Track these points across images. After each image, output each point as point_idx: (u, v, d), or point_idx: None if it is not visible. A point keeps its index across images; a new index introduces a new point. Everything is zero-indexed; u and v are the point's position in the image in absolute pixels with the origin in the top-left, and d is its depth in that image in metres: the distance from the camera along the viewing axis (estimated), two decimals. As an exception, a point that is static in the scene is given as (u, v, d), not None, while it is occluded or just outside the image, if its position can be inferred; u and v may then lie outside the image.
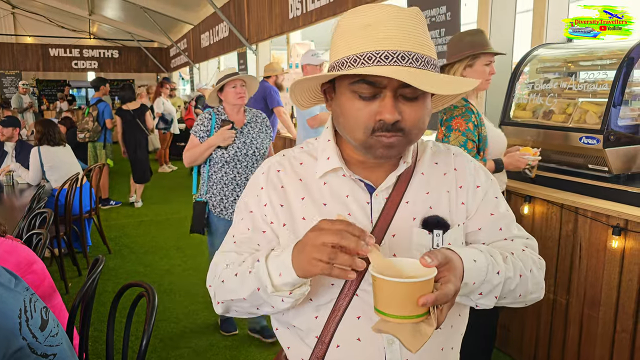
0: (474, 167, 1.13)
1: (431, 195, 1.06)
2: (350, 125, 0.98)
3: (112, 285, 4.17)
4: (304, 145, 1.16)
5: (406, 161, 1.05)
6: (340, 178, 1.06)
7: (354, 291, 1.01)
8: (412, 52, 0.92)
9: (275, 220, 1.07)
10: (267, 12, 7.38)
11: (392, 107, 0.93)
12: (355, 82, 0.94)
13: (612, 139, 2.51)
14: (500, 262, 0.99)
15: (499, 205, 1.12)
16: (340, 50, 0.96)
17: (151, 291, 1.67)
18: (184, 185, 8.57)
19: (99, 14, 14.57)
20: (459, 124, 2.29)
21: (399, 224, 1.03)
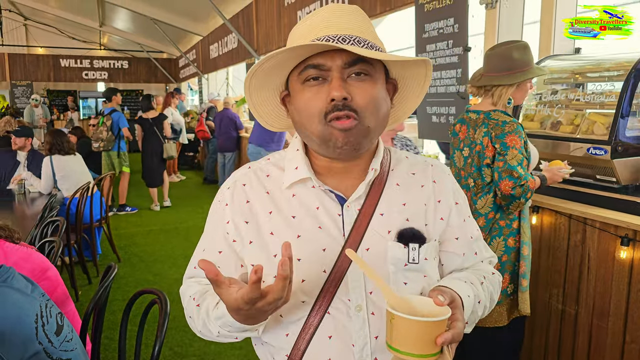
0: (452, 182, 1.12)
1: (408, 206, 1.03)
2: (306, 118, 0.96)
3: (122, 293, 4.20)
4: (270, 156, 1.13)
5: (374, 168, 1.02)
6: (309, 189, 1.02)
7: (325, 309, 0.97)
8: (353, 36, 0.94)
9: (238, 238, 1.03)
10: (276, 23, 7.46)
11: (339, 86, 0.92)
12: (302, 70, 0.95)
13: (619, 150, 2.52)
14: (480, 291, 1.03)
15: (473, 226, 1.13)
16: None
17: (163, 298, 1.70)
18: (192, 194, 8.63)
19: (109, 25, 14.75)
20: (515, 141, 2.26)
21: (372, 237, 0.99)
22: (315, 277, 0.97)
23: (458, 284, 0.99)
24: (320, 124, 0.94)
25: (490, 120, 2.32)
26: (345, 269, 0.97)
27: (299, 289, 0.97)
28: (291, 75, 1.00)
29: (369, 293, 0.98)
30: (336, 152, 0.96)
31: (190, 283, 1.11)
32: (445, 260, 1.09)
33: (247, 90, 1.03)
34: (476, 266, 1.12)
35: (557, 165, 2.50)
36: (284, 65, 0.98)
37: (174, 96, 9.49)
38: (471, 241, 1.10)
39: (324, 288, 0.97)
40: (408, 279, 0.99)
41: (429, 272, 1.02)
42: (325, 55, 0.93)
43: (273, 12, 7.55)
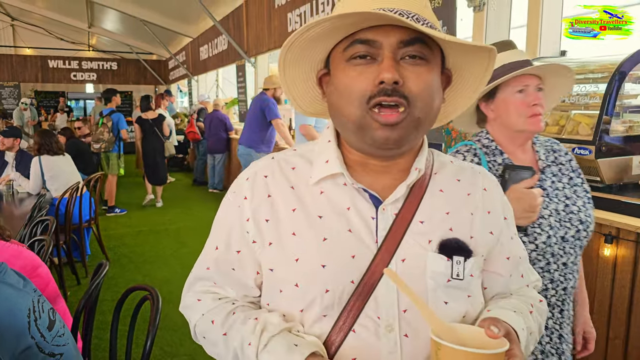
0: (501, 193, 0.99)
1: (452, 215, 0.90)
2: (344, 100, 0.82)
3: (111, 294, 4.19)
4: (297, 147, 0.99)
5: (419, 168, 0.89)
6: (340, 187, 0.89)
7: (350, 325, 0.84)
8: (412, 12, 0.80)
9: (259, 239, 0.90)
10: (266, 25, 7.49)
11: (391, 66, 0.78)
12: (348, 46, 0.82)
13: (604, 150, 2.58)
14: (530, 322, 0.91)
15: (520, 244, 1.01)
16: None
17: (155, 294, 1.72)
18: (181, 196, 8.62)
19: (98, 26, 14.69)
20: None
21: (410, 246, 0.86)
22: (341, 287, 0.84)
23: (508, 314, 0.86)
24: (359, 108, 0.81)
25: None
26: (376, 280, 0.84)
27: (321, 300, 0.84)
28: (334, 50, 0.86)
29: (402, 311, 0.84)
30: (372, 148, 0.85)
31: (199, 295, 0.97)
32: (488, 282, 0.95)
33: (280, 65, 0.89)
34: (521, 291, 0.99)
35: None
36: (327, 38, 0.84)
37: (164, 98, 9.48)
38: (519, 262, 0.98)
39: (350, 301, 0.84)
40: (450, 297, 0.86)
41: (474, 292, 0.90)
42: (377, 30, 0.80)
43: (263, 14, 7.57)
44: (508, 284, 0.97)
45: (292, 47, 0.85)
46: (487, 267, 0.94)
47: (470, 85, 0.94)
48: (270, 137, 5.86)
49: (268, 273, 0.90)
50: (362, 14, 0.76)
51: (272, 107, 5.68)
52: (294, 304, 0.87)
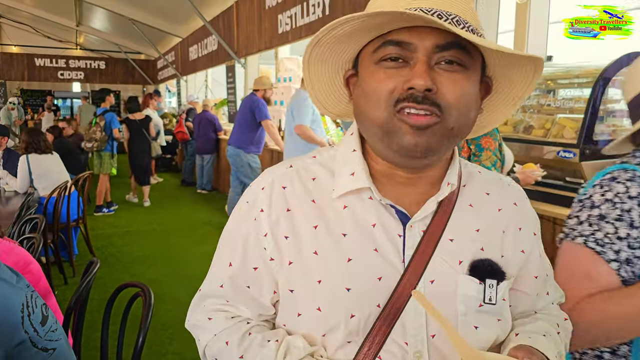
0: (531, 207, 0.93)
1: (482, 233, 0.84)
2: (371, 103, 0.76)
3: (99, 293, 4.17)
4: (316, 154, 0.90)
5: (451, 183, 0.83)
6: (365, 201, 0.82)
7: (376, 352, 0.78)
8: (452, 14, 0.73)
9: (278, 256, 0.83)
10: (257, 26, 7.51)
11: (423, 72, 0.72)
12: (378, 47, 0.76)
13: (587, 153, 2.64)
14: (559, 345, 0.86)
15: (547, 262, 0.95)
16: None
17: (147, 291, 1.73)
18: (170, 196, 8.60)
19: (86, 25, 14.59)
20: (489, 143, 2.30)
21: (439, 267, 0.80)
22: (366, 311, 0.79)
23: (540, 340, 0.82)
24: (386, 110, 0.74)
25: None
26: (403, 303, 0.79)
27: (345, 326, 0.79)
28: (363, 50, 0.80)
29: (431, 336, 0.79)
30: (398, 156, 0.77)
31: (209, 313, 0.90)
32: (514, 301, 0.89)
33: (305, 62, 0.83)
34: (547, 309, 0.94)
35: (530, 168, 2.60)
36: (357, 37, 0.78)
37: (153, 97, 9.46)
38: (546, 279, 0.93)
39: (376, 326, 0.78)
40: (480, 322, 0.81)
41: (505, 316, 0.85)
42: (412, 31, 0.73)
43: (254, 15, 7.59)
44: (534, 303, 0.93)
45: (319, 44, 0.79)
46: (514, 286, 0.88)
47: (512, 96, 0.86)
48: (259, 138, 5.88)
49: (287, 294, 0.83)
50: (396, 13, 0.70)
51: (262, 108, 5.70)
52: (315, 328, 0.81)
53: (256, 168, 5.80)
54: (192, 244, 5.70)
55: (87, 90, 18.25)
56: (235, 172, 5.92)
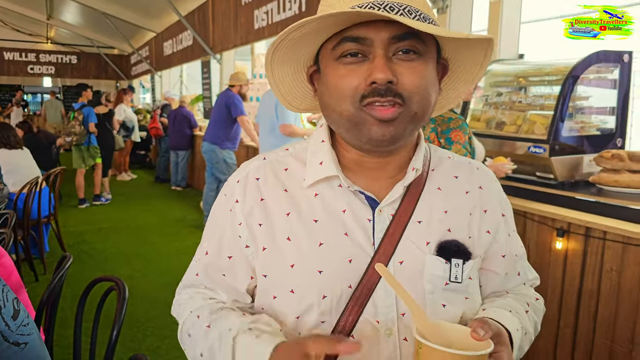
0: (499, 189, 0.97)
1: (450, 215, 0.87)
2: (335, 98, 0.79)
3: (71, 290, 4.11)
4: (289, 146, 0.95)
5: (416, 168, 0.86)
6: (335, 189, 0.86)
7: (349, 331, 0.83)
8: (403, 4, 0.75)
9: (253, 243, 0.87)
10: (232, 21, 7.46)
11: (383, 65, 0.75)
12: (337, 44, 0.78)
13: (557, 149, 2.71)
14: (525, 321, 0.90)
15: (518, 241, 0.99)
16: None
17: (121, 284, 1.72)
18: (143, 193, 8.49)
19: (57, 18, 14.28)
20: (459, 136, 2.35)
21: (407, 248, 0.84)
22: (338, 292, 0.83)
23: (504, 314, 0.86)
24: (352, 105, 0.78)
25: (437, 117, 2.45)
26: (373, 284, 0.82)
27: (318, 306, 0.83)
28: (323, 48, 0.83)
29: (401, 315, 0.83)
30: (369, 143, 0.80)
31: (191, 294, 0.95)
32: (484, 280, 0.94)
33: (268, 65, 0.86)
34: (518, 289, 0.98)
35: (500, 161, 2.66)
36: (315, 36, 0.80)
37: (127, 93, 9.33)
38: (515, 259, 0.96)
39: (348, 306, 0.82)
40: (447, 300, 0.85)
41: (472, 294, 0.88)
42: (367, 26, 0.76)
43: (230, 11, 7.54)
44: (504, 282, 0.96)
45: (279, 47, 0.82)
46: (483, 265, 0.92)
47: (468, 73, 0.91)
48: (235, 134, 5.84)
49: (262, 279, 0.88)
50: (349, 14, 0.72)
51: (238, 103, 5.67)
52: (290, 310, 0.84)
53: (232, 164, 5.76)
54: (166, 240, 5.65)
55: (58, 85, 17.87)
56: (211, 168, 5.88)
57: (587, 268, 2.38)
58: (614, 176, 2.54)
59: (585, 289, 2.39)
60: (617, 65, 2.87)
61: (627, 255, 2.22)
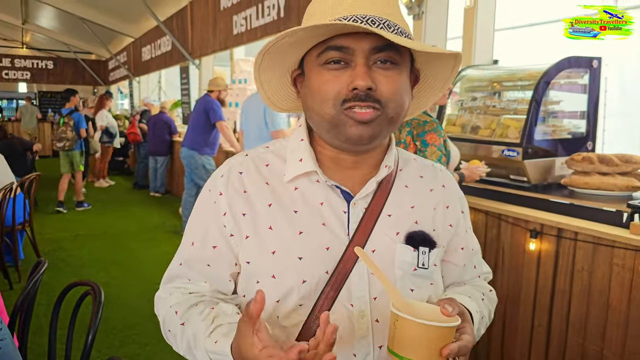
0: (458, 189, 1.07)
1: (416, 209, 0.97)
2: (318, 101, 0.87)
3: (46, 298, 4.05)
4: (269, 144, 1.02)
5: (388, 165, 0.95)
6: (314, 183, 0.94)
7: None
8: (383, 18, 0.84)
9: (237, 232, 0.93)
10: (211, 27, 7.45)
11: (364, 73, 0.83)
12: (322, 52, 0.86)
13: (530, 152, 2.77)
14: (482, 307, 0.99)
15: (474, 237, 1.10)
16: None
17: (97, 288, 1.71)
18: (121, 199, 8.40)
19: (32, 23, 14.06)
20: (434, 139, 2.40)
21: (379, 238, 0.93)
22: (316, 278, 0.89)
23: (464, 298, 0.95)
24: (334, 108, 0.85)
25: (412, 120, 2.49)
26: (348, 270, 0.90)
27: (298, 290, 0.89)
28: (308, 54, 0.90)
29: (373, 298, 0.91)
30: (348, 142, 0.88)
31: (171, 290, 1.00)
32: (445, 272, 1.03)
33: (256, 69, 0.93)
34: (474, 281, 1.08)
35: (475, 164, 2.71)
36: (302, 44, 0.87)
37: (108, 98, 9.30)
38: (472, 253, 1.07)
39: (325, 291, 0.89)
40: (415, 285, 0.94)
41: (436, 280, 0.98)
42: (350, 36, 0.84)
43: (209, 16, 7.53)
44: (462, 274, 1.06)
45: (267, 54, 0.89)
46: (444, 257, 1.02)
47: (437, 82, 1.00)
48: (214, 139, 5.82)
49: (245, 265, 0.94)
50: (335, 26, 0.80)
51: (217, 109, 5.65)
52: (270, 294, 0.88)
53: (211, 170, 5.74)
54: (145, 247, 5.59)
55: (33, 90, 17.58)
56: (190, 173, 5.85)
57: (559, 268, 2.44)
58: (584, 178, 2.61)
59: (558, 288, 2.44)
60: (587, 71, 2.94)
61: (597, 256, 2.28)
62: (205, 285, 0.98)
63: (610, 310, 2.23)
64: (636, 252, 2.12)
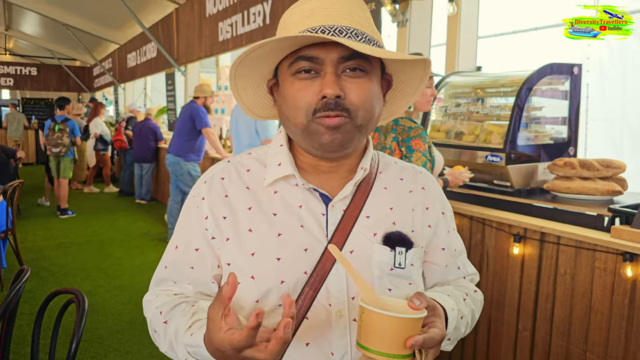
0: (440, 191, 1.09)
1: (395, 211, 0.99)
2: (292, 110, 0.90)
3: (29, 307, 3.99)
4: (252, 151, 1.06)
5: (364, 168, 0.97)
6: (293, 187, 0.97)
7: (304, 314, 0.91)
8: (350, 27, 0.87)
9: (218, 234, 0.96)
10: (197, 33, 7.44)
11: (333, 82, 0.86)
12: (293, 62, 0.89)
13: (513, 158, 2.80)
14: (462, 306, 1.00)
15: (457, 238, 1.11)
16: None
17: (81, 296, 1.69)
18: (106, 207, 8.32)
19: (16, 29, 13.94)
20: (419, 144, 2.42)
21: (357, 239, 0.95)
22: (294, 278, 0.91)
23: (441, 296, 0.97)
24: (306, 117, 0.88)
25: (397, 126, 2.51)
26: (327, 271, 0.92)
27: (276, 291, 0.91)
28: (281, 64, 0.93)
29: (351, 298, 0.92)
30: (321, 149, 0.91)
31: (158, 292, 1.03)
32: (427, 272, 1.05)
33: (232, 78, 0.96)
34: (458, 282, 1.09)
35: (458, 170, 2.74)
36: (274, 55, 0.91)
37: (102, 106, 9.32)
38: (455, 254, 1.08)
39: (304, 291, 0.91)
40: (393, 284, 0.95)
41: (415, 280, 0.98)
42: (319, 47, 0.87)
43: (194, 23, 7.53)
44: (445, 274, 1.07)
45: (240, 65, 0.92)
46: (426, 258, 1.04)
47: (408, 89, 1.03)
48: (200, 146, 5.81)
49: (226, 267, 0.96)
50: (302, 37, 0.83)
51: (202, 115, 5.64)
52: (250, 295, 0.91)
53: (196, 176, 5.72)
54: (129, 255, 5.54)
55: (17, 97, 17.39)
56: (175, 180, 5.82)
57: (542, 272, 2.46)
58: (566, 183, 2.65)
59: (542, 292, 2.47)
60: (568, 77, 2.99)
61: (579, 259, 2.31)
62: (189, 288, 1.00)
63: (592, 313, 2.26)
64: (617, 255, 2.15)
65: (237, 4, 6.18)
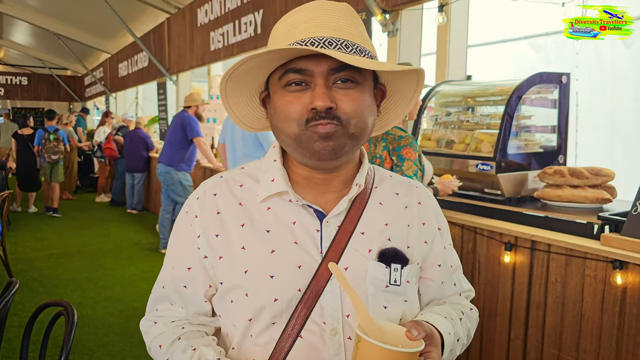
0: (436, 206, 1.07)
1: (390, 227, 0.97)
2: (283, 121, 0.89)
3: (18, 319, 3.95)
4: (245, 166, 1.04)
5: (359, 184, 0.96)
6: (286, 203, 0.95)
7: (298, 331, 0.90)
8: (340, 39, 0.86)
9: (210, 253, 0.95)
10: (188, 43, 7.45)
11: (323, 94, 0.85)
12: (283, 74, 0.88)
13: (503, 166, 2.82)
14: (458, 328, 0.98)
15: (453, 254, 1.09)
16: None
17: (70, 309, 1.67)
18: (98, 217, 8.27)
19: (7, 38, 13.90)
20: (409, 153, 2.42)
21: (352, 256, 0.93)
22: (288, 296, 0.90)
23: (439, 319, 0.94)
24: (298, 127, 0.87)
25: (388, 136, 2.52)
26: (321, 288, 0.91)
27: (270, 309, 0.90)
28: (272, 76, 0.92)
29: (345, 316, 0.91)
30: (314, 158, 0.89)
31: (155, 317, 1.02)
32: (423, 289, 1.04)
33: (222, 93, 0.95)
34: (454, 299, 1.07)
35: (447, 179, 2.75)
36: (264, 67, 0.90)
37: (109, 115, 9.37)
38: (451, 270, 1.06)
39: (297, 308, 0.90)
40: (388, 302, 0.93)
41: (410, 297, 0.97)
42: (309, 59, 0.86)
43: (186, 32, 7.54)
44: (441, 291, 1.05)
45: (230, 78, 0.91)
46: (421, 275, 1.02)
47: (403, 98, 1.01)
48: (191, 155, 5.79)
49: (219, 286, 0.95)
50: (292, 49, 0.83)
51: (194, 124, 5.63)
52: (243, 313, 0.91)
53: (187, 186, 5.70)
54: (120, 265, 5.50)
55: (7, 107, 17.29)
56: (166, 190, 5.79)
57: (534, 280, 2.47)
58: (556, 191, 2.66)
59: (533, 300, 2.47)
60: (556, 86, 3.02)
61: (570, 267, 2.32)
62: (182, 312, 1.00)
63: (584, 320, 2.27)
64: (607, 263, 2.17)
65: (229, 13, 6.19)
